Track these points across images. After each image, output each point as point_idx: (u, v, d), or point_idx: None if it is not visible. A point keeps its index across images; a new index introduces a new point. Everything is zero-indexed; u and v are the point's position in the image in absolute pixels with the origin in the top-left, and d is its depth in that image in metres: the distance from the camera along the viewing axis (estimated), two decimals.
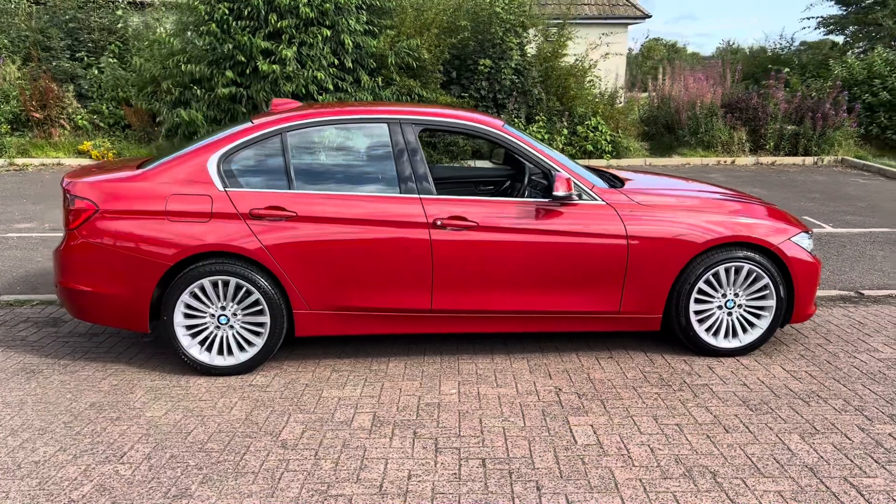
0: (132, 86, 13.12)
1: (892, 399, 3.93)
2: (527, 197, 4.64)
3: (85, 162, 12.86)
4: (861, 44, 21.42)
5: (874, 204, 9.99)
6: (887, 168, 12.78)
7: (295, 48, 11.32)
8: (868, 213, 9.37)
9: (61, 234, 6.00)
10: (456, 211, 4.29)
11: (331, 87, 11.66)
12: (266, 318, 4.25)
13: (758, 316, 4.55)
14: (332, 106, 4.72)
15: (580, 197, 4.39)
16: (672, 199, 4.56)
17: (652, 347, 4.70)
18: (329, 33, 11.44)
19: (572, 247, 4.32)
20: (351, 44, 11.53)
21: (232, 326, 4.27)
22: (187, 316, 4.23)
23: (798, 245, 4.51)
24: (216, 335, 4.27)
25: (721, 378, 4.22)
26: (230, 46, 11.39)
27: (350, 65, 11.79)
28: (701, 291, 4.46)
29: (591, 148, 13.30)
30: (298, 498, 2.99)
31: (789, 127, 14.14)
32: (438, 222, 4.24)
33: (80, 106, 13.81)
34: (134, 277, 4.16)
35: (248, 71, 11.68)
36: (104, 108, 13.59)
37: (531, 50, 13.50)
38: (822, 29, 22.60)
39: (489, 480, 3.12)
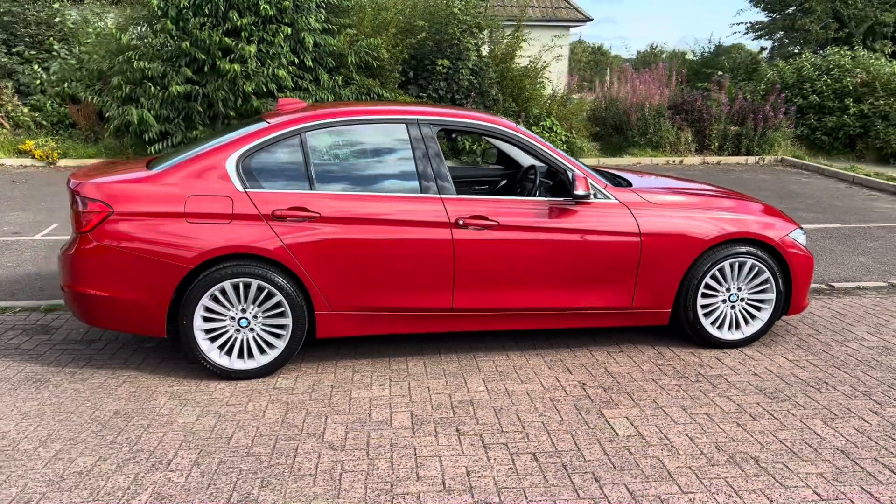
0: (78, 81, 12.62)
1: (893, 384, 4.19)
2: (537, 196, 4.72)
3: (28, 162, 12.31)
4: (788, 49, 22.48)
5: (821, 201, 10.52)
6: (825, 167, 13.47)
7: (255, 46, 11.12)
8: (818, 209, 9.87)
9: (56, 238, 5.79)
10: (477, 210, 4.34)
11: (291, 85, 11.51)
12: (288, 320, 4.20)
13: (758, 308, 4.76)
14: (344, 105, 4.70)
15: (595, 196, 4.51)
16: (680, 198, 4.74)
17: (657, 341, 4.86)
18: (290, 31, 11.29)
19: (589, 244, 4.44)
20: (311, 42, 11.41)
21: (252, 329, 4.21)
22: (206, 319, 4.15)
23: (795, 240, 4.75)
24: (236, 338, 4.20)
25: (731, 369, 4.41)
26: (188, 44, 11.10)
27: (310, 63, 11.66)
28: (707, 286, 4.65)
29: None
30: (365, 498, 2.99)
31: (732, 128, 14.73)
32: (461, 222, 4.29)
33: (20, 103, 13.20)
34: (152, 281, 4.06)
35: (205, 69, 11.41)
36: (48, 105, 13.02)
37: (485, 51, 13.64)
38: (751, 34, 23.61)
39: (546, 474, 3.19)
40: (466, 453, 3.37)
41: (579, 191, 4.35)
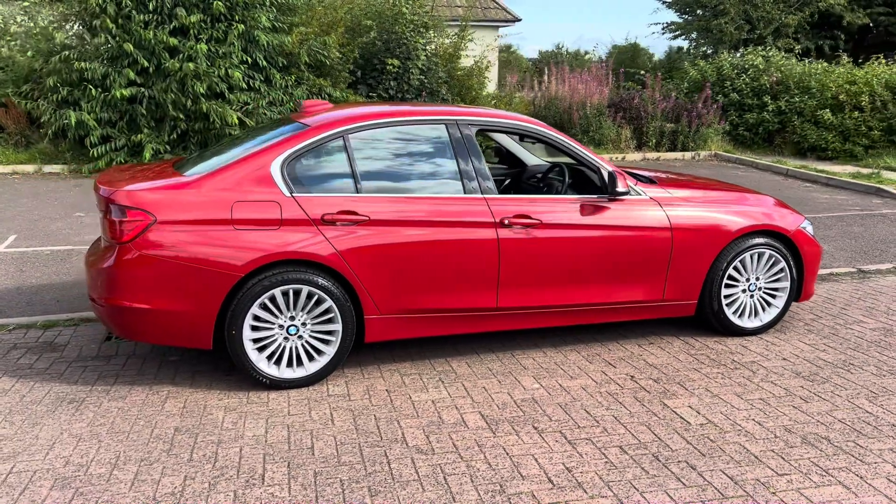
0: (5, 82, 11.86)
1: None
2: (566, 194, 4.80)
3: None
4: (703, 49, 23.57)
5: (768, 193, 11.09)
6: (757, 161, 14.22)
7: (205, 45, 10.76)
8: None
9: (21, 249, 5.48)
10: (520, 209, 4.38)
11: (244, 85, 11.20)
12: (337, 326, 4.13)
13: (773, 296, 5.01)
14: (380, 106, 4.66)
15: (628, 192, 4.63)
16: (702, 193, 4.92)
17: (679, 331, 5.04)
18: (242, 29, 10.98)
19: (624, 240, 4.56)
20: (265, 41, 11.13)
21: (301, 337, 4.11)
22: (254, 328, 4.02)
23: (805, 231, 5.02)
24: (284, 347, 4.09)
25: (761, 355, 4.62)
26: (131, 46, 10.62)
27: (263, 63, 11.38)
28: (730, 277, 4.85)
29: None
30: (481, 500, 2.99)
31: (668, 125, 15.31)
32: (506, 221, 4.32)
33: None
34: (199, 291, 3.90)
35: (150, 69, 10.95)
36: None
37: (432, 49, 13.67)
38: (668, 34, 24.60)
39: (643, 465, 3.27)
40: (556, 450, 3.41)
41: (620, 188, 4.47)
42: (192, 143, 11.49)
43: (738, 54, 19.66)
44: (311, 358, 4.15)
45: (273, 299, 4.01)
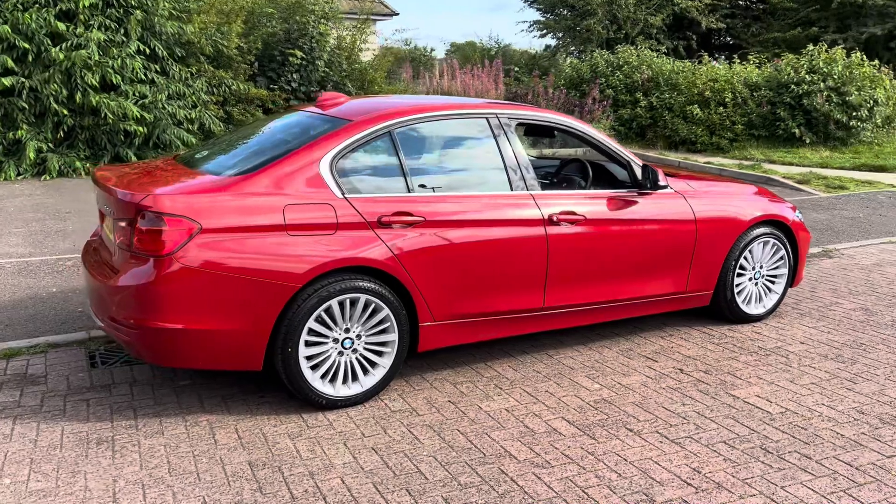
0: None
1: None
2: (590, 189, 4.75)
3: None
4: (570, 48, 24.48)
5: None
6: (646, 154, 14.93)
7: (102, 32, 9.73)
8: None
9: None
10: (566, 206, 4.27)
11: (142, 76, 10.25)
12: (393, 336, 3.83)
13: (773, 283, 5.22)
14: (413, 98, 4.36)
15: (667, 186, 4.65)
16: (715, 186, 5.03)
17: (690, 322, 5.12)
18: (142, 16, 10.03)
19: (657, 233, 4.57)
20: (167, 29, 10.24)
21: (355, 350, 3.77)
22: (308, 344, 3.64)
23: (799, 219, 5.27)
24: (338, 362, 3.74)
25: (780, 340, 4.79)
26: (8, 28, 9.41)
27: (163, 53, 10.47)
28: (741, 266, 5.00)
29: None
30: None
31: None
32: (554, 218, 4.19)
33: None
34: (252, 306, 3.47)
35: (30, 58, 9.75)
36: None
37: (333, 41, 13.22)
38: (535, 32, 25.31)
39: (761, 459, 3.26)
40: (667, 451, 3.33)
41: (661, 181, 4.47)
42: (81, 142, 10.39)
43: (611, 52, 20.58)
44: (365, 372, 3.82)
45: (329, 311, 3.64)
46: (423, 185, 3.94)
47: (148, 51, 10.45)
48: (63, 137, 10.35)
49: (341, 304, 3.66)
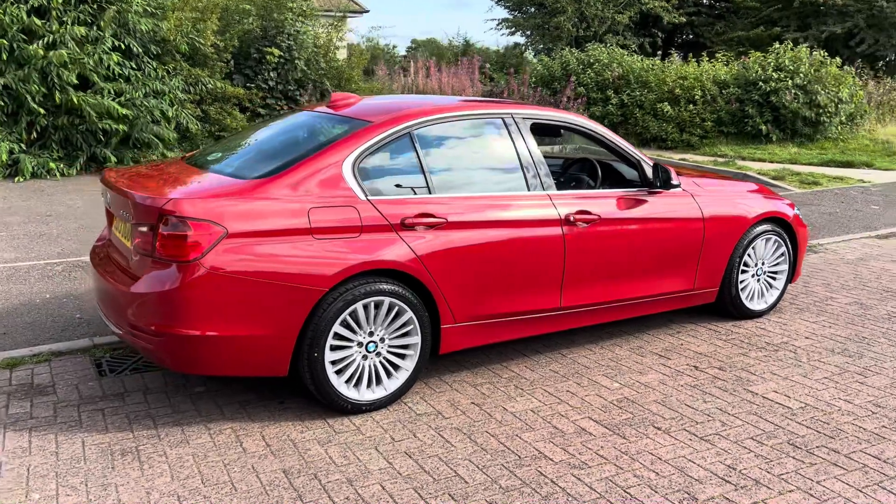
0: None
1: None
2: (601, 189, 4.78)
3: None
4: (539, 45, 24.62)
5: None
6: None
7: (80, 28, 9.47)
8: None
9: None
10: (581, 205, 4.28)
11: (119, 74, 10.01)
12: (416, 339, 3.80)
13: (774, 279, 5.31)
14: (429, 98, 4.33)
15: (679, 185, 4.69)
16: (721, 184, 5.10)
17: (694, 319, 5.19)
18: (114, 12, 9.79)
19: (668, 231, 4.61)
20: (145, 26, 10.01)
21: (379, 354, 3.74)
22: (333, 349, 3.60)
23: (798, 216, 5.37)
24: (362, 366, 3.70)
25: (786, 336, 4.88)
26: None
27: (138, 50, 10.24)
28: (744, 263, 5.08)
29: None
30: None
31: None
32: (571, 218, 4.20)
33: None
34: (279, 311, 3.41)
35: (3, 55, 9.45)
36: None
37: (311, 39, 13.08)
38: (504, 29, 25.41)
39: (791, 454, 3.31)
40: (699, 448, 3.36)
41: (674, 181, 4.51)
42: (55, 142, 10.11)
43: (581, 50, 20.74)
44: (388, 375, 3.79)
45: (354, 314, 3.60)
46: (442, 186, 3.91)
47: (123, 47, 10.21)
48: (35, 138, 10.06)
49: (366, 307, 3.62)
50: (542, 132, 4.70)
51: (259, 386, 3.98)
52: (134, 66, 10.50)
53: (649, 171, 4.60)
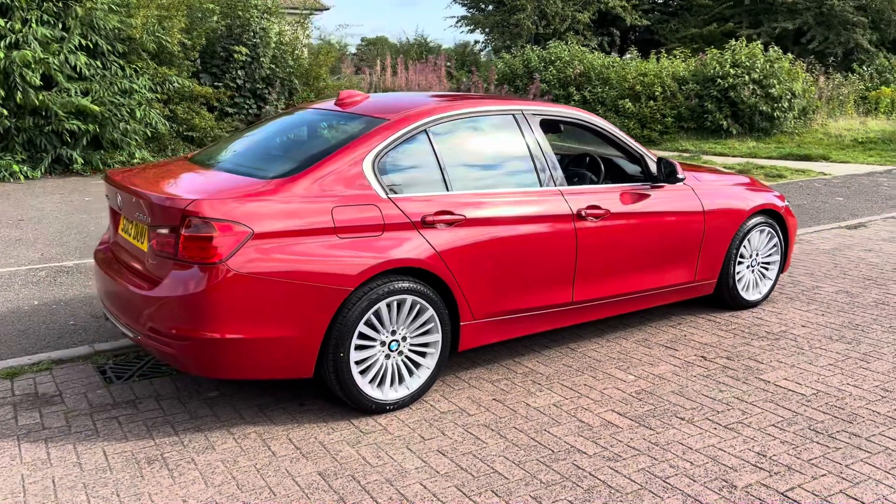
0: None
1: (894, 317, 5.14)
2: (604, 184, 4.83)
3: None
4: (498, 43, 24.72)
5: None
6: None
7: (42, 29, 9.17)
8: None
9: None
10: (590, 200, 4.32)
11: (88, 73, 9.73)
12: (437, 336, 3.79)
13: (767, 269, 5.44)
14: (440, 95, 4.31)
15: (684, 179, 4.76)
16: (718, 177, 5.20)
17: (692, 310, 5.28)
18: (81, 11, 9.51)
19: (672, 225, 4.68)
20: (111, 24, 9.74)
21: (401, 352, 3.72)
22: (357, 348, 3.56)
23: (788, 207, 5.51)
24: (385, 365, 3.67)
25: (784, 325, 5.00)
26: None
27: (105, 48, 9.96)
28: (740, 254, 5.19)
29: None
30: (725, 498, 2.92)
31: None
32: (582, 213, 4.24)
33: None
34: (306, 311, 3.37)
35: None
36: None
37: (276, 36, 12.89)
38: (464, 27, 25.46)
39: (814, 439, 3.39)
40: (725, 437, 3.43)
41: (680, 174, 4.58)
42: (18, 144, 9.78)
43: (542, 47, 20.92)
44: (410, 374, 3.77)
45: (377, 313, 3.57)
46: (459, 183, 3.90)
47: (90, 46, 9.91)
48: None
49: (388, 305, 3.59)
50: (547, 128, 4.72)
51: (274, 389, 3.92)
52: (100, 65, 10.21)
53: (652, 166, 4.67)
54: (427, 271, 3.68)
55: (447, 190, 3.84)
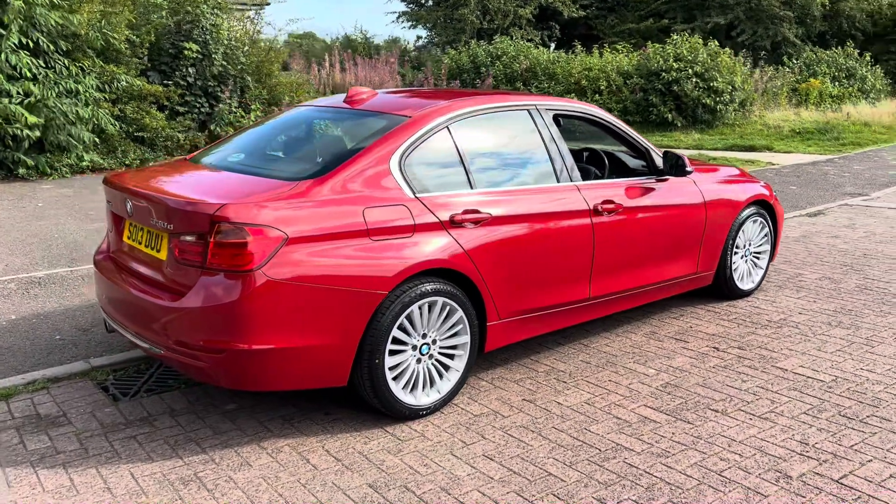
0: None
1: (884, 301, 5.29)
2: (609, 178, 4.83)
3: None
4: (441, 38, 24.64)
5: None
6: None
7: None
8: None
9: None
10: (605, 195, 4.31)
11: (28, 74, 9.21)
12: (465, 338, 3.71)
13: (758, 258, 5.55)
14: (457, 92, 4.21)
15: (692, 171, 4.80)
16: (712, 170, 5.26)
17: (691, 301, 5.34)
18: (20, 5, 8.99)
19: (678, 217, 4.72)
20: (53, 20, 9.24)
21: (431, 356, 3.62)
22: (391, 353, 3.45)
23: (776, 197, 5.63)
24: (416, 370, 3.57)
25: (782, 313, 5.10)
26: None
27: (47, 46, 9.44)
28: (735, 245, 5.27)
29: None
30: (782, 489, 2.93)
31: None
32: (598, 208, 4.22)
33: None
34: (342, 317, 3.24)
35: None
36: None
37: (226, 32, 12.51)
38: (405, 22, 25.27)
39: (848, 426, 3.46)
40: (763, 427, 3.45)
41: (688, 167, 4.60)
42: None
43: (488, 43, 20.95)
44: (440, 377, 3.68)
45: (409, 317, 3.46)
46: (481, 181, 3.83)
47: (32, 44, 9.38)
48: None
49: (420, 308, 3.49)
50: (557, 123, 4.68)
51: (295, 399, 3.77)
52: (43, 63, 9.68)
53: (658, 160, 4.69)
54: (456, 272, 3.59)
55: (471, 188, 3.76)
